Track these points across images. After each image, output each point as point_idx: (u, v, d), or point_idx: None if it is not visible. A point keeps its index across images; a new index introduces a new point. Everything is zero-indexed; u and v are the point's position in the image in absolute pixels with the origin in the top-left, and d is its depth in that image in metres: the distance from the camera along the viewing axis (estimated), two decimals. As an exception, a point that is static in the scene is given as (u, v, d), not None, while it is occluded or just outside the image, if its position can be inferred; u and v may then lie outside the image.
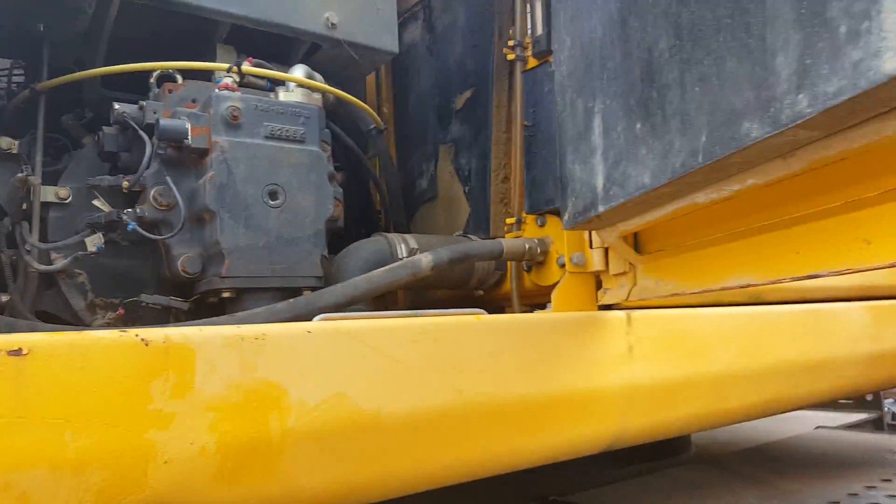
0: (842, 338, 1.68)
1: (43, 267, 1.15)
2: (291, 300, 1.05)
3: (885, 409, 3.33)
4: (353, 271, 1.23)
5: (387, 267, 1.17)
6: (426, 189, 1.72)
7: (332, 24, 1.31)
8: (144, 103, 1.14)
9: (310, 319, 0.98)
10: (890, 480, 2.07)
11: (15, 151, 1.21)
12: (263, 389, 0.87)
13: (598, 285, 1.32)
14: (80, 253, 1.12)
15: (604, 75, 0.96)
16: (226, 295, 1.08)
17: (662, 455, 2.42)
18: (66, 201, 1.24)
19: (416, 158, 1.76)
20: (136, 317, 1.17)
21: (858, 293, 1.73)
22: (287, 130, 1.14)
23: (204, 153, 1.09)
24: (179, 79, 1.19)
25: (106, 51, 1.25)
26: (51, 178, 1.28)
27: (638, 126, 0.88)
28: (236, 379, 0.85)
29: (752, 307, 1.51)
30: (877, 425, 3.23)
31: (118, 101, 1.15)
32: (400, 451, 0.97)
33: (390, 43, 1.41)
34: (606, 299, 1.27)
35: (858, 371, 1.76)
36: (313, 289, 1.15)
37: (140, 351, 0.80)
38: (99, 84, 1.27)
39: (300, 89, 1.20)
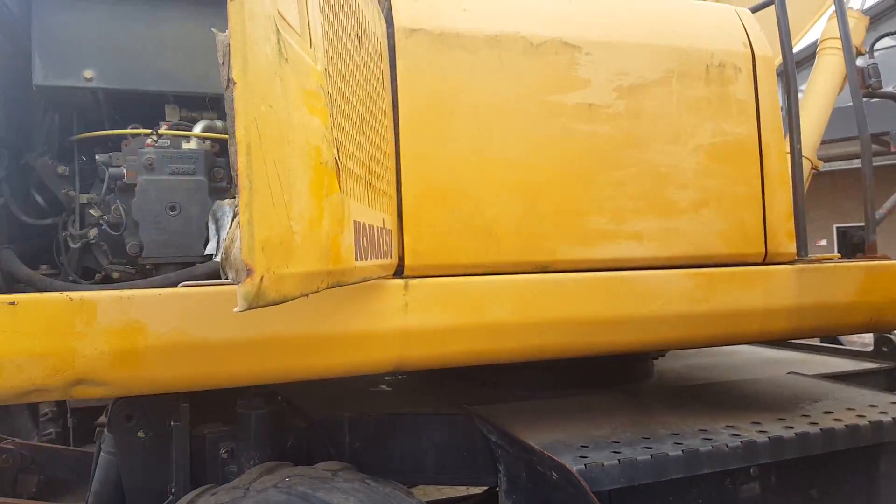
0: (640, 299, 2.14)
1: (77, 244, 2.08)
2: (179, 271, 1.88)
3: (897, 363, 3.48)
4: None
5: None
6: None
7: (230, 88, 2.06)
8: (111, 155, 1.99)
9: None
10: (759, 423, 2.43)
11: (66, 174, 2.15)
12: (134, 324, 1.71)
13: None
14: (86, 240, 2.04)
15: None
16: (148, 267, 1.94)
17: (618, 381, 2.92)
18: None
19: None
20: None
21: (658, 263, 2.16)
22: (183, 168, 1.94)
23: (134, 185, 1.92)
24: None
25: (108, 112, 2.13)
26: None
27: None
28: (117, 317, 1.70)
29: (535, 274, 2.05)
30: (890, 377, 3.39)
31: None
32: (221, 359, 1.78)
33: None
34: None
35: (670, 327, 2.20)
36: (202, 263, 1.96)
37: (66, 303, 1.67)
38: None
39: (195, 139, 1.99)
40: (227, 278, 0.92)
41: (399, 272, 1.97)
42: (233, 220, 0.90)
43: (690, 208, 2.23)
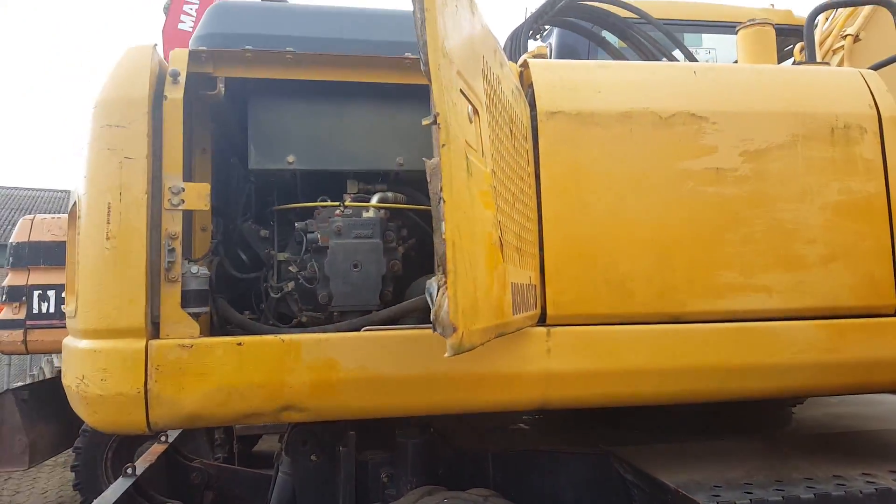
0: (771, 348, 2.36)
1: (277, 295, 2.63)
2: (362, 317, 2.36)
3: None
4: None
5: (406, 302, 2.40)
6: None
7: (400, 164, 2.55)
8: (307, 222, 2.52)
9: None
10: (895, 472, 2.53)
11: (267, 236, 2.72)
12: (329, 360, 2.19)
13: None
14: (284, 291, 2.58)
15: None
16: (336, 314, 2.44)
17: (754, 428, 3.10)
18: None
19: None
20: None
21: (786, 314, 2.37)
22: (362, 233, 2.43)
23: (326, 247, 2.44)
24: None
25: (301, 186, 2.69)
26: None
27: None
28: (317, 355, 2.18)
29: (667, 324, 2.34)
30: None
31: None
32: (396, 392, 2.21)
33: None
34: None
35: (800, 376, 2.40)
36: (378, 310, 2.43)
37: (279, 343, 2.18)
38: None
39: (373, 208, 2.48)
40: (435, 331, 1.33)
41: (542, 321, 2.33)
42: (438, 291, 1.29)
43: (818, 262, 2.43)
